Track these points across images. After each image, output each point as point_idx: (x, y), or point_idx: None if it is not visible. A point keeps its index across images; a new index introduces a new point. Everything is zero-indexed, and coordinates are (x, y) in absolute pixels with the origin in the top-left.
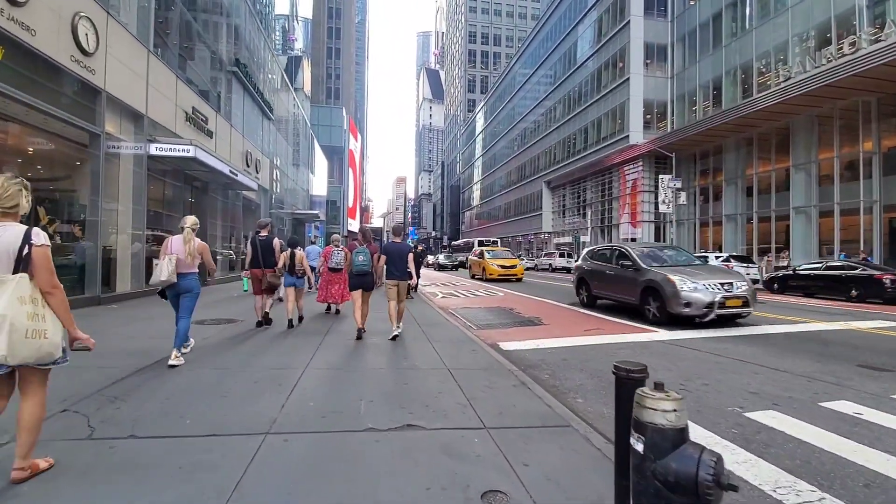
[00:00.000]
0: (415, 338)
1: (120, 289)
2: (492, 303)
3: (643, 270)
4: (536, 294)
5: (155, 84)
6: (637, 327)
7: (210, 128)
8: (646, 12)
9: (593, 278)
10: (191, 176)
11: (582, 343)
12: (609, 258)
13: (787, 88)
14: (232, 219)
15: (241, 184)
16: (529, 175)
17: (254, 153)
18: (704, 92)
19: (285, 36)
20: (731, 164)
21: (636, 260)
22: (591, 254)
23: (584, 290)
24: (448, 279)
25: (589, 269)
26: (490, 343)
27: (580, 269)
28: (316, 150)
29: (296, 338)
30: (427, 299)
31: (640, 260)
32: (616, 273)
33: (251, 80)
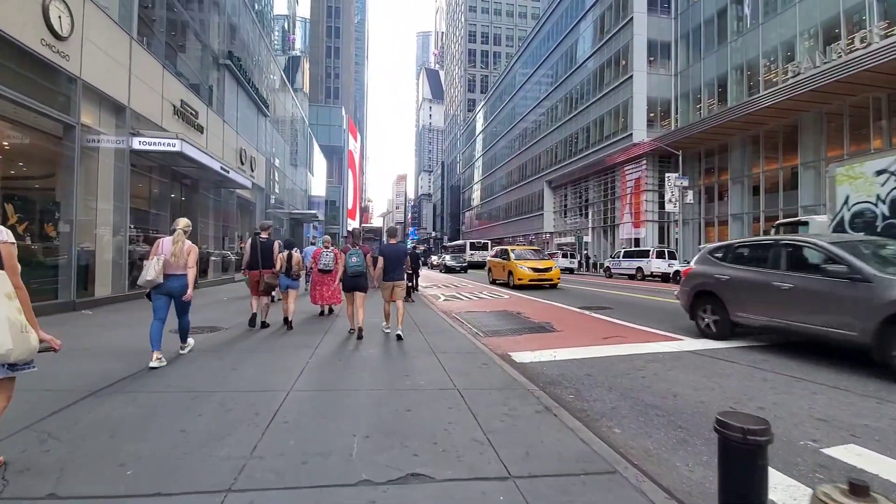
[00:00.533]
0: (418, 349)
1: (100, 293)
2: (498, 306)
3: (879, 281)
4: (545, 297)
5: (139, 74)
6: (661, 335)
7: (200, 122)
8: (649, 9)
9: (739, 293)
10: (179, 173)
11: (603, 354)
12: (775, 260)
13: (795, 85)
14: (225, 218)
15: (234, 182)
16: (530, 175)
17: (248, 150)
18: (709, 90)
19: (284, 36)
20: (737, 163)
21: (855, 263)
22: (731, 252)
23: (713, 310)
24: (450, 280)
25: (727, 277)
26: (501, 353)
27: (705, 276)
28: (315, 150)
29: (284, 348)
30: (429, 302)
31: (862, 263)
32: (801, 286)
33: (245, 74)
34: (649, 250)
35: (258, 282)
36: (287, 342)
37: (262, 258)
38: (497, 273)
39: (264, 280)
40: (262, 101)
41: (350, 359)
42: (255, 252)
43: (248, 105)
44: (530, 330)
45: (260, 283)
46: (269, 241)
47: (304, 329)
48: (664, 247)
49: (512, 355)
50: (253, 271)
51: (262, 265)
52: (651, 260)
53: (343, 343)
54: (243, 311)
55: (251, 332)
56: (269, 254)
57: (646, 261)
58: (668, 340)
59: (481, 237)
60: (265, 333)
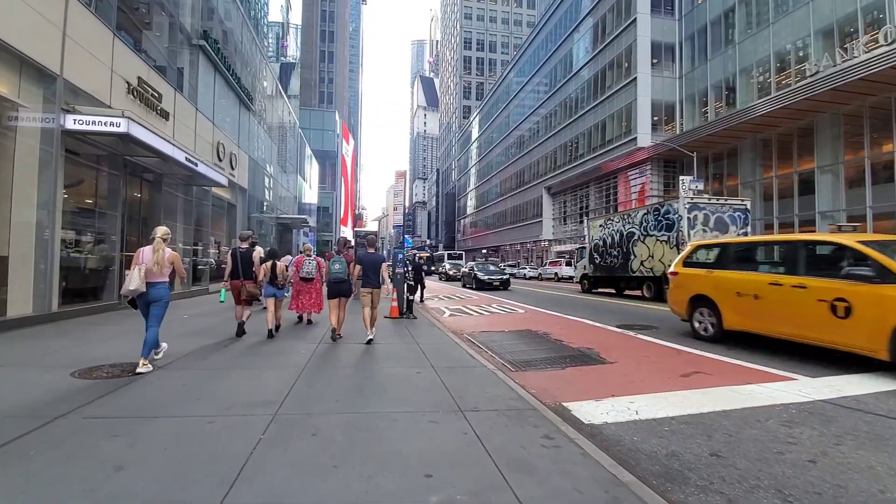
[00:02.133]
0: (437, 403)
1: (16, 311)
2: (515, 323)
3: None
4: (561, 310)
5: (78, 38)
6: (754, 369)
7: (165, 107)
8: (652, 10)
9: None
10: (139, 165)
11: (700, 406)
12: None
13: (814, 84)
14: (198, 221)
15: (207, 178)
16: (529, 181)
17: (228, 146)
18: (716, 92)
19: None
20: (748, 167)
21: None
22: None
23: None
24: (451, 290)
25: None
26: (553, 404)
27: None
28: (307, 154)
29: (259, 377)
30: (433, 318)
31: None
32: None
33: (225, 60)
34: None
35: (240, 291)
36: (265, 362)
37: (242, 268)
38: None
39: (246, 289)
40: (246, 94)
41: (341, 435)
42: (235, 262)
43: (228, 95)
44: (573, 360)
45: (242, 293)
46: (248, 251)
47: (283, 347)
48: None
49: (571, 409)
50: (234, 281)
51: (243, 275)
52: None
53: (327, 381)
54: (200, 331)
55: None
56: (248, 264)
57: None
58: (773, 380)
59: (477, 245)
60: (240, 347)
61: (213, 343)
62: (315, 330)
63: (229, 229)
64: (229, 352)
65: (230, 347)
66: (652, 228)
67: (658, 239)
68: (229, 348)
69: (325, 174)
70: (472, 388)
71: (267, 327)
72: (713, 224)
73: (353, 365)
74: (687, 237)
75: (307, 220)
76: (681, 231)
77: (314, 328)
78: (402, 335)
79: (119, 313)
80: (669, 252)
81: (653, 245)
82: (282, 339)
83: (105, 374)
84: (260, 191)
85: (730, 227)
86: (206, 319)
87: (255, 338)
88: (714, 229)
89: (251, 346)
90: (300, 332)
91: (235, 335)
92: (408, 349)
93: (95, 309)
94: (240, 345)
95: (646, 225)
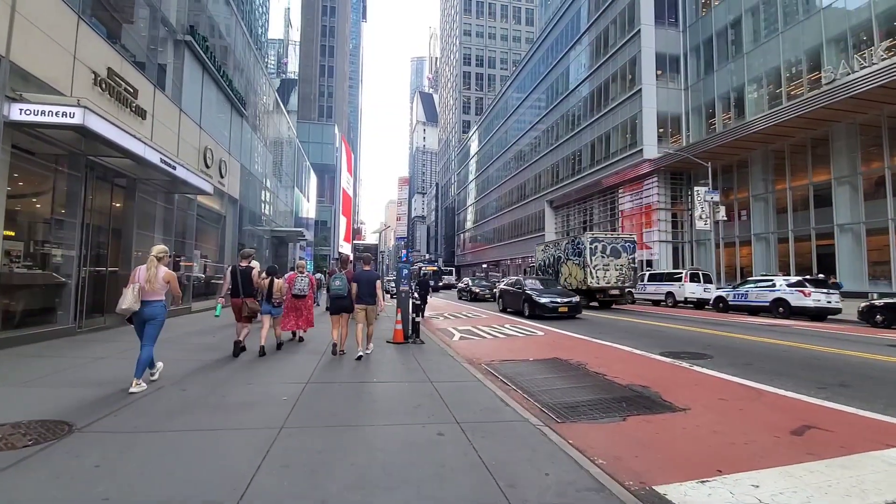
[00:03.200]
0: (476, 483)
1: None
2: (537, 348)
3: None
4: (585, 332)
5: (31, 16)
6: (879, 421)
7: (142, 105)
8: (656, 21)
9: None
10: (109, 169)
11: (876, 497)
12: None
13: (832, 91)
14: (181, 233)
15: (188, 184)
16: (530, 194)
17: (217, 152)
18: (724, 103)
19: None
20: (759, 179)
21: None
22: None
23: None
24: (455, 308)
25: None
26: (642, 489)
27: None
28: (305, 166)
29: (248, 411)
30: (441, 341)
31: None
32: None
33: (214, 60)
34: (681, 273)
35: (241, 309)
36: (257, 392)
37: (242, 285)
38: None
39: (247, 306)
40: (238, 98)
41: None
42: (235, 280)
43: (219, 98)
44: (631, 404)
45: (242, 310)
46: (248, 269)
47: (277, 375)
48: (698, 268)
49: (668, 494)
50: (235, 299)
51: (243, 292)
52: (684, 284)
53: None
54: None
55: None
56: (248, 281)
57: (677, 285)
58: None
59: (477, 259)
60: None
61: (204, 365)
62: (303, 357)
63: (219, 242)
64: (188, 398)
65: (213, 375)
66: (570, 254)
67: (574, 262)
68: (211, 376)
69: (323, 188)
70: (523, 465)
71: (260, 343)
72: (609, 252)
73: (351, 420)
74: (589, 261)
75: (303, 234)
76: (585, 257)
77: (305, 346)
78: (411, 368)
79: (76, 340)
80: (579, 272)
81: (571, 266)
82: (268, 369)
83: (27, 442)
84: (254, 202)
85: (622, 254)
86: (202, 338)
87: (250, 356)
88: (610, 255)
89: (234, 372)
90: (289, 358)
91: (233, 354)
92: (420, 390)
93: (41, 336)
94: (224, 372)
95: (567, 251)
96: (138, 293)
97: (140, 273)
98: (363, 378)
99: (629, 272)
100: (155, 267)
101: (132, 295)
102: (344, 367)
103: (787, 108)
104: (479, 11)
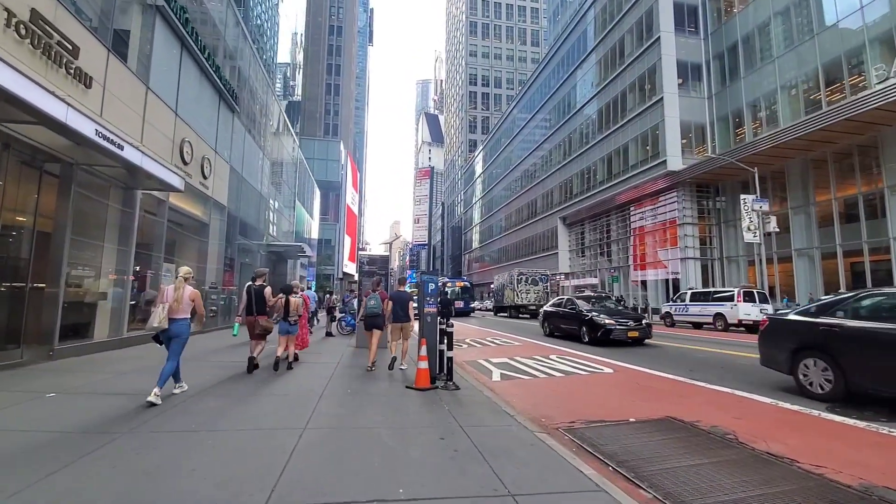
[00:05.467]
0: None
1: None
2: (622, 396)
3: None
4: (653, 364)
5: None
6: None
7: (86, 69)
8: (676, 29)
9: None
10: (39, 150)
11: None
12: None
13: (886, 91)
14: (148, 244)
15: (153, 176)
16: (541, 211)
17: (199, 147)
18: (752, 111)
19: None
20: (798, 190)
21: None
22: None
23: None
24: (479, 332)
25: None
26: None
27: None
28: (309, 182)
29: None
30: (479, 384)
31: None
32: None
33: (197, 37)
34: (731, 291)
35: (254, 326)
36: None
37: (256, 304)
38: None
39: (260, 324)
40: (229, 90)
41: None
42: (249, 298)
43: (202, 84)
44: None
45: (255, 328)
46: (261, 288)
47: None
48: (752, 286)
49: None
50: (249, 317)
51: (257, 311)
52: (737, 304)
53: None
54: None
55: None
56: (262, 299)
57: (729, 305)
58: None
59: (484, 279)
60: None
61: None
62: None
63: (199, 253)
64: None
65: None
66: (508, 283)
67: (510, 288)
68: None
69: (327, 205)
70: None
71: (288, 358)
72: (530, 282)
73: None
74: (516, 287)
75: (304, 249)
76: (514, 284)
77: (300, 371)
78: (452, 439)
79: None
80: (512, 294)
81: (508, 291)
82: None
83: None
84: (247, 211)
85: (539, 283)
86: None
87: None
88: (530, 284)
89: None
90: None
91: (247, 371)
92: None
93: None
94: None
95: (509, 281)
96: (167, 312)
97: (168, 293)
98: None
99: (543, 294)
100: (182, 287)
101: (162, 314)
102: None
103: (830, 112)
104: (484, 33)
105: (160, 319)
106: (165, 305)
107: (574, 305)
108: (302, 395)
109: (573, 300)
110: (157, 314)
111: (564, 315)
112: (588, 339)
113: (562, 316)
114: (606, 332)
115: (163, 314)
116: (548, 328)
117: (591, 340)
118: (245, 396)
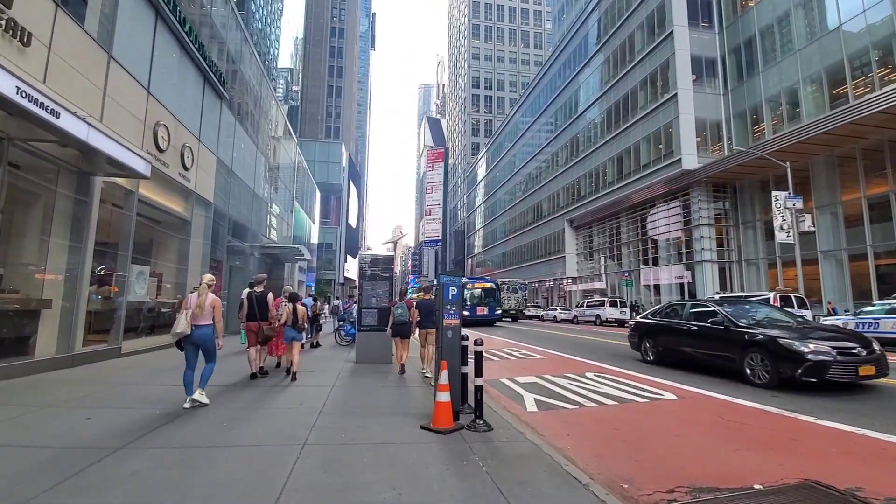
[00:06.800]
0: None
1: None
2: (702, 435)
3: None
4: (701, 384)
5: None
6: None
7: (23, 22)
8: (689, 22)
9: None
10: None
11: None
12: None
13: None
14: (116, 243)
15: (99, 152)
16: (547, 214)
17: (178, 134)
18: (772, 106)
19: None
20: (823, 189)
21: None
22: None
23: None
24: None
25: None
26: None
27: None
28: (308, 184)
29: None
30: (513, 418)
31: None
32: None
33: (173, 5)
34: (766, 296)
35: (257, 333)
36: None
37: (258, 310)
38: None
39: (263, 331)
40: (214, 71)
41: None
42: (251, 305)
43: (182, 63)
44: None
45: (258, 335)
46: (263, 294)
47: None
48: (788, 289)
49: None
50: (251, 323)
51: (259, 317)
52: None
53: None
54: None
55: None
56: (264, 306)
57: None
58: None
59: None
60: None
61: None
62: None
63: (179, 254)
64: None
65: None
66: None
67: None
68: None
69: (328, 208)
70: None
71: (289, 367)
72: (511, 290)
73: None
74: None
75: (301, 252)
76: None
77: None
78: None
79: None
80: None
81: None
82: None
83: None
84: (238, 209)
85: (518, 291)
86: None
87: None
88: (511, 292)
89: None
90: None
91: (250, 377)
92: None
93: None
94: None
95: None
96: (190, 318)
97: (192, 300)
98: None
99: (522, 301)
100: (205, 294)
101: (185, 321)
102: None
103: (861, 105)
104: (487, 36)
105: (184, 325)
106: (189, 312)
107: (716, 316)
108: (279, 446)
109: (705, 305)
110: (180, 321)
111: (698, 334)
112: (767, 381)
113: (692, 334)
114: (816, 369)
115: (186, 320)
116: (653, 353)
117: (773, 382)
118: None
